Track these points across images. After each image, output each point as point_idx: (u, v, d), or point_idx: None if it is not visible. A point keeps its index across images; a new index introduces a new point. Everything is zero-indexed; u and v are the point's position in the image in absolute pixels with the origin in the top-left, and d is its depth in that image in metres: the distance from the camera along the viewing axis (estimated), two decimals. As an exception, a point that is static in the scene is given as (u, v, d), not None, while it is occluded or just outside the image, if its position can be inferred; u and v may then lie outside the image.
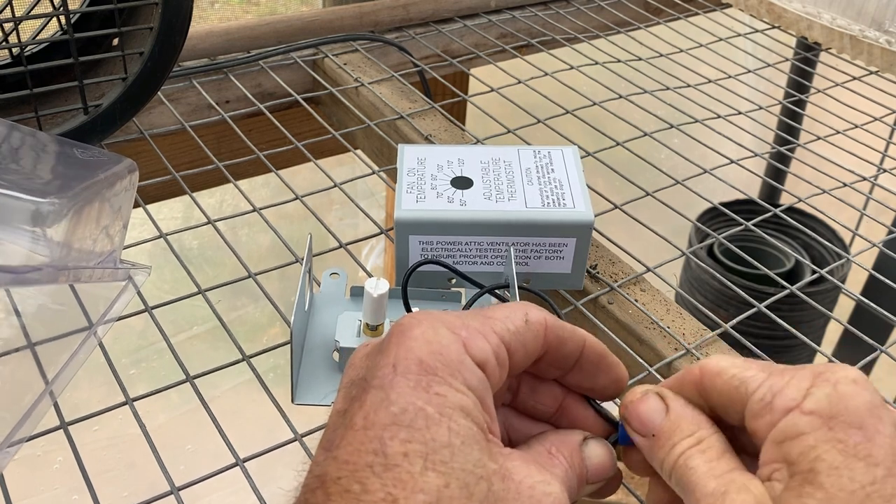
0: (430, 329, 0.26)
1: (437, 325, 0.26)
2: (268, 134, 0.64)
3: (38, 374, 0.41)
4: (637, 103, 0.70)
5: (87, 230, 0.43)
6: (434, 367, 0.25)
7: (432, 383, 0.25)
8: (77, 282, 0.42)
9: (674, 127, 0.68)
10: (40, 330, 0.42)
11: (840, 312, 1.25)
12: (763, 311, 0.51)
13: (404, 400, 0.24)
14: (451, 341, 0.26)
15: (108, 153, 0.48)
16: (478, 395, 0.25)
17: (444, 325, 0.26)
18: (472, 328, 0.27)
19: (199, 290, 0.49)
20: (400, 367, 0.25)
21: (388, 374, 0.25)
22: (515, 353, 0.27)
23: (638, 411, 0.29)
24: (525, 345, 0.28)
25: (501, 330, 0.27)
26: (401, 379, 0.25)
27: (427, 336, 0.26)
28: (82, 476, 0.38)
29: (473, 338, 0.26)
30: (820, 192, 0.62)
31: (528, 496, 0.25)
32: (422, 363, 0.25)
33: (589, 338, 0.30)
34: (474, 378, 0.26)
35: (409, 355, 0.25)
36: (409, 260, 0.46)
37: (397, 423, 0.24)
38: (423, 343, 0.25)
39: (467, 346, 0.26)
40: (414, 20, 0.81)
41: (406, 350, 0.25)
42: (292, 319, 0.38)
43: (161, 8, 0.53)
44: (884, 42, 0.76)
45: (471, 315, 0.27)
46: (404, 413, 0.24)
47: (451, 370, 0.25)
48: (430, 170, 0.49)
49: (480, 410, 0.25)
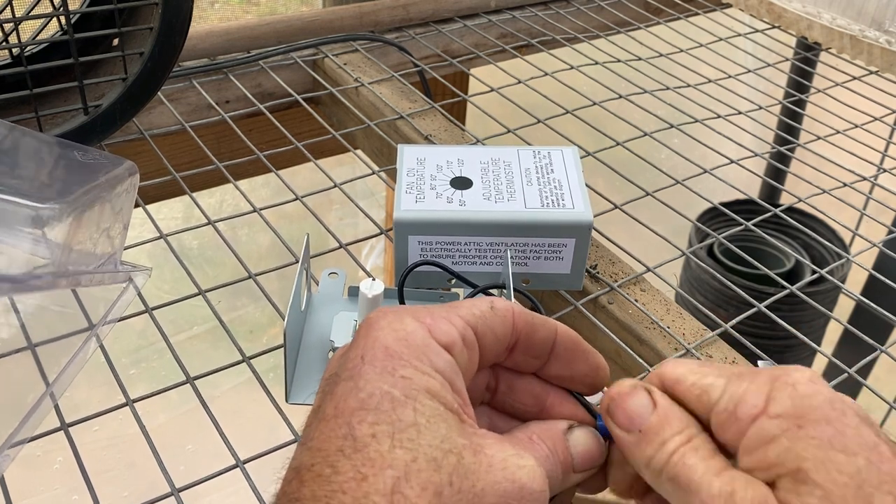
0: (395, 319, 0.27)
1: (401, 315, 0.27)
2: (268, 134, 0.64)
3: (38, 376, 0.41)
4: (637, 103, 0.70)
5: (87, 233, 0.43)
6: (399, 352, 0.26)
7: (398, 367, 0.25)
8: (78, 286, 0.42)
9: (674, 127, 0.68)
10: (41, 331, 0.42)
11: (840, 312, 1.25)
12: (763, 311, 0.51)
13: (371, 386, 0.25)
14: (415, 328, 0.26)
15: (108, 155, 0.48)
16: (446, 378, 0.26)
17: (409, 314, 0.27)
18: (437, 315, 0.27)
19: (199, 290, 0.49)
20: (367, 357, 0.26)
21: (357, 364, 0.26)
22: (484, 336, 0.28)
23: (625, 405, 0.28)
24: (493, 329, 0.28)
25: (466, 314, 0.28)
26: (368, 367, 0.25)
27: (393, 325, 0.26)
28: (82, 476, 0.38)
29: (437, 322, 0.27)
30: (820, 192, 0.62)
31: (500, 468, 0.25)
32: (387, 350, 0.26)
33: (561, 326, 0.30)
34: (441, 360, 0.26)
35: (376, 344, 0.26)
36: (409, 260, 0.46)
37: (364, 407, 0.24)
38: (388, 332, 0.26)
39: (432, 331, 0.26)
40: (414, 20, 0.81)
41: (373, 340, 0.26)
42: (286, 319, 0.38)
43: (161, 8, 0.53)
44: (884, 42, 0.76)
45: (436, 306, 0.28)
46: (371, 398, 0.25)
47: (417, 354, 0.26)
48: (430, 170, 0.49)
49: (450, 392, 0.26)
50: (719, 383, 0.27)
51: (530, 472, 0.26)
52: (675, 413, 0.28)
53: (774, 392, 0.25)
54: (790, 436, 0.24)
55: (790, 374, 0.26)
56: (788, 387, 0.25)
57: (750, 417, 0.25)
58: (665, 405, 0.28)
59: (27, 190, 0.40)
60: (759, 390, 0.26)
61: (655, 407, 0.28)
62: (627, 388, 0.28)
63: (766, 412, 0.25)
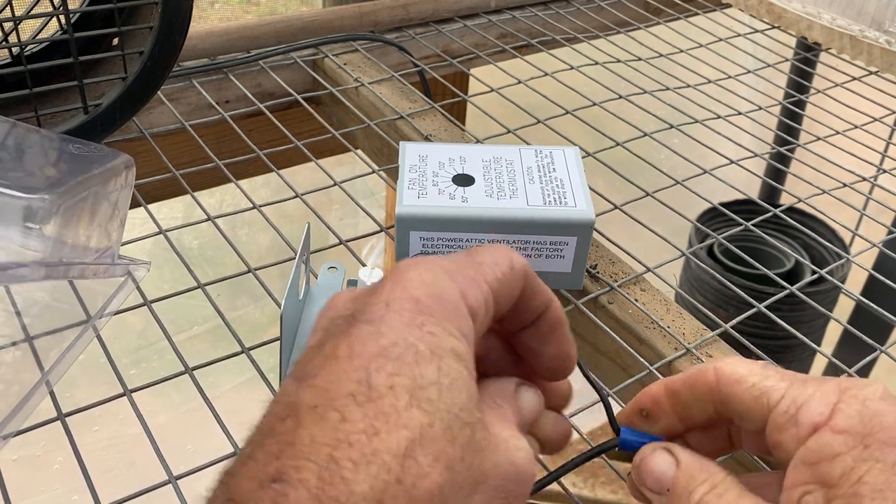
0: (427, 272, 0.25)
1: (435, 269, 0.25)
2: (268, 134, 0.64)
3: (33, 366, 0.41)
4: (637, 103, 0.70)
5: (81, 226, 0.42)
6: (430, 307, 0.24)
7: (426, 322, 0.24)
8: (71, 278, 0.41)
9: (674, 127, 0.68)
10: (38, 325, 0.42)
11: (840, 312, 1.25)
12: (763, 311, 0.51)
13: (395, 334, 0.23)
14: (449, 287, 0.25)
15: (104, 148, 0.47)
16: (467, 342, 0.25)
17: (443, 270, 0.25)
18: (468, 276, 0.26)
19: (199, 284, 0.49)
20: (394, 305, 0.24)
21: (380, 309, 0.24)
22: (499, 300, 0.27)
23: (650, 469, 0.29)
24: (509, 291, 0.27)
25: (492, 278, 0.26)
26: (394, 315, 0.24)
27: (425, 278, 0.25)
28: (83, 476, 0.38)
29: (470, 286, 0.25)
30: (820, 192, 0.62)
31: (504, 449, 0.24)
32: (418, 302, 0.24)
33: (555, 299, 0.29)
34: (467, 326, 0.25)
35: (405, 294, 0.24)
36: (410, 256, 0.46)
37: (385, 355, 0.22)
38: (419, 284, 0.24)
39: (464, 295, 0.25)
40: (414, 20, 0.81)
41: (402, 289, 0.24)
42: (283, 303, 0.38)
43: (161, 7, 0.53)
44: (884, 42, 0.76)
45: (463, 261, 0.27)
46: (394, 346, 0.23)
47: (447, 314, 0.24)
48: (432, 167, 0.49)
49: (472, 359, 0.25)
50: (781, 386, 0.26)
51: (526, 455, 0.25)
52: (696, 464, 0.28)
53: (842, 404, 0.25)
54: (854, 455, 0.24)
55: (861, 387, 0.25)
56: (858, 401, 0.25)
57: (812, 425, 0.25)
58: (686, 459, 0.28)
59: (18, 181, 0.40)
60: (824, 399, 0.25)
61: (678, 464, 0.28)
62: (649, 452, 0.29)
63: (830, 424, 0.24)
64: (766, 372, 0.27)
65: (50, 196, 0.40)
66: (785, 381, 0.27)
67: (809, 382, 0.26)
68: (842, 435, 0.24)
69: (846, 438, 0.24)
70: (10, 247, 0.38)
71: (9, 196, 0.39)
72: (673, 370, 0.46)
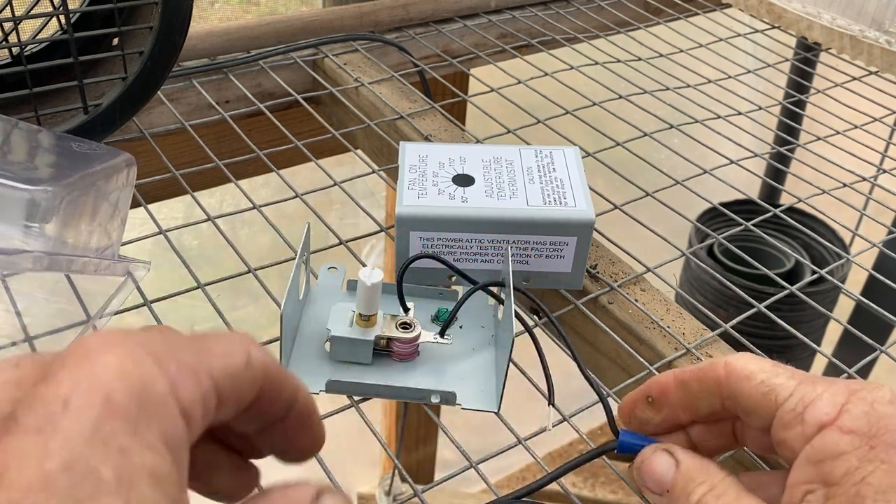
0: (127, 357, 0.19)
1: (137, 352, 0.19)
2: (268, 134, 0.64)
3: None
4: (637, 103, 0.70)
5: (82, 223, 0.42)
6: (125, 408, 0.18)
7: (117, 433, 0.18)
8: (71, 271, 0.41)
9: (674, 127, 0.68)
10: (38, 325, 0.42)
11: (840, 312, 1.25)
12: (763, 311, 0.51)
13: (69, 452, 0.17)
14: (155, 377, 0.19)
15: (105, 147, 0.47)
16: (174, 456, 0.19)
17: (148, 352, 0.19)
18: (183, 363, 0.20)
19: (199, 284, 0.49)
20: (74, 404, 0.18)
21: (55, 411, 0.18)
22: (227, 400, 0.21)
23: (651, 470, 0.29)
24: (240, 390, 0.22)
25: (218, 372, 0.21)
26: (72, 420, 0.17)
27: (124, 365, 0.19)
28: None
29: (185, 378, 0.20)
30: (820, 192, 0.62)
31: None
32: (109, 402, 0.18)
33: (302, 388, 0.24)
34: (175, 431, 0.19)
35: (93, 388, 0.18)
36: (410, 256, 0.46)
37: (50, 487, 0.16)
38: (115, 374, 0.18)
39: (175, 388, 0.19)
40: (414, 20, 0.81)
41: (89, 381, 0.18)
42: (283, 303, 0.38)
43: (161, 7, 0.53)
44: (884, 42, 0.76)
45: (183, 343, 0.21)
46: (66, 472, 0.17)
47: (148, 416, 0.18)
48: (432, 167, 0.49)
49: (176, 478, 0.19)
50: (790, 384, 0.26)
51: None
52: (696, 466, 0.28)
53: (850, 405, 0.25)
54: (860, 455, 0.23)
55: (871, 390, 0.25)
56: (866, 403, 0.25)
57: (818, 423, 0.25)
58: (686, 461, 0.28)
59: (19, 174, 0.40)
60: (833, 399, 0.25)
61: (678, 465, 0.28)
62: (650, 453, 0.29)
63: (837, 424, 0.24)
64: (777, 370, 0.27)
65: (51, 189, 0.40)
66: (794, 379, 0.27)
67: (819, 382, 0.26)
68: (848, 435, 0.24)
69: (852, 438, 0.24)
70: (9, 240, 0.38)
71: (9, 188, 0.39)
72: (673, 370, 0.46)
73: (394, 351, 0.42)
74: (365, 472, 1.49)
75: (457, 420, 0.56)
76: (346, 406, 0.42)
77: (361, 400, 0.42)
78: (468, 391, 0.41)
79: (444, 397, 0.40)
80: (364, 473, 1.49)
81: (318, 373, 0.41)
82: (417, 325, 0.42)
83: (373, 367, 0.42)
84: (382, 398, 0.41)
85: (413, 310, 0.44)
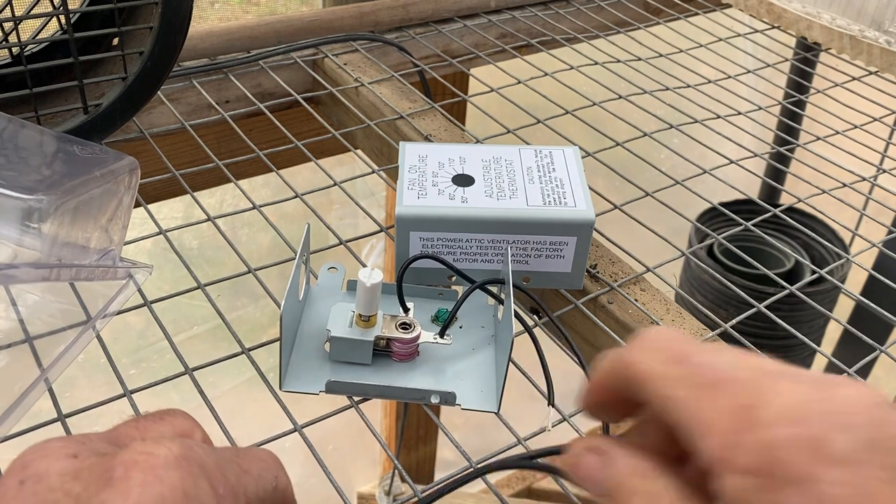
0: (189, 477, 0.20)
1: (196, 473, 0.21)
2: (268, 134, 0.64)
3: (32, 364, 0.41)
4: (637, 103, 0.70)
5: (82, 228, 0.42)
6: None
7: None
8: (69, 280, 0.41)
9: (673, 127, 0.68)
10: (38, 325, 0.42)
11: (840, 312, 1.25)
12: (763, 311, 0.51)
13: None
14: (209, 499, 0.21)
15: (109, 150, 0.47)
16: None
17: (203, 473, 0.21)
18: (229, 486, 0.22)
19: (199, 284, 0.49)
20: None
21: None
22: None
23: (583, 476, 0.25)
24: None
25: (251, 493, 0.23)
26: None
27: (185, 486, 0.20)
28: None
29: (229, 500, 0.22)
30: (820, 192, 0.62)
31: None
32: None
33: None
34: None
35: None
36: (410, 256, 0.46)
37: None
38: (179, 494, 0.20)
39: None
40: (414, 20, 0.81)
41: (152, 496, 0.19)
42: (283, 304, 0.38)
43: (161, 7, 0.53)
44: (884, 42, 0.76)
45: (227, 461, 0.23)
46: None
47: None
48: (432, 167, 0.49)
49: None
50: (680, 395, 0.22)
51: None
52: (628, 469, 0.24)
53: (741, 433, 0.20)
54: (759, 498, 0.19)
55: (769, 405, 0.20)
56: (756, 427, 0.20)
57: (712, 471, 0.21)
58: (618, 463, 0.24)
59: (18, 180, 0.40)
60: (723, 427, 0.20)
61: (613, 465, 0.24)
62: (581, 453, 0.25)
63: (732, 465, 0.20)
64: (671, 371, 0.22)
65: (48, 196, 0.39)
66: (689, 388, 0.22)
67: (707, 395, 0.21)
68: (743, 477, 0.20)
69: (746, 481, 0.20)
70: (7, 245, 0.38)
71: (7, 195, 0.39)
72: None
73: (393, 351, 0.42)
74: (365, 472, 1.49)
75: (457, 420, 0.56)
76: (346, 406, 0.42)
77: (361, 400, 0.42)
78: (468, 391, 0.41)
79: (444, 397, 0.40)
80: (364, 473, 1.49)
81: (318, 373, 0.41)
82: (417, 325, 0.42)
83: (372, 368, 0.42)
84: (382, 398, 0.41)
85: (413, 310, 0.44)
